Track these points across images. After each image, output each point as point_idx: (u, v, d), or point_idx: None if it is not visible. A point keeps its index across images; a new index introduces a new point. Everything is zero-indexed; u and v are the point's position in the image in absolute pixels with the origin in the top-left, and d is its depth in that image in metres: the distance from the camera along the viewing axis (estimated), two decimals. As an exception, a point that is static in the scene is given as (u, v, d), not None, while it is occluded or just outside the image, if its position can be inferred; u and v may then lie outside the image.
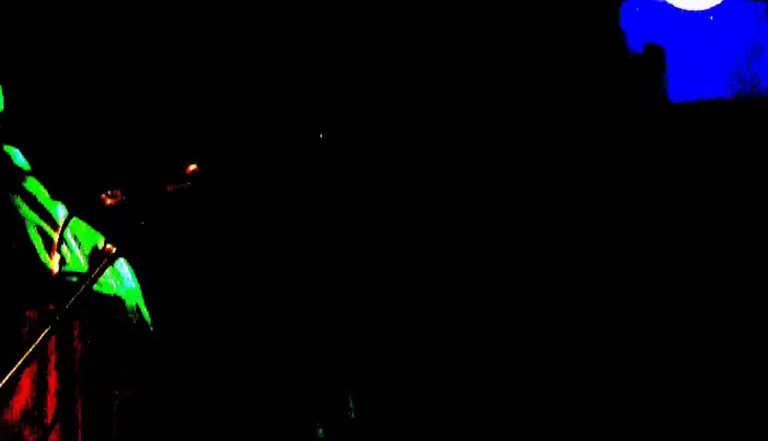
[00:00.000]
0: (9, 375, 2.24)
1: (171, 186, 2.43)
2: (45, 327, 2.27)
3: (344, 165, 3.95)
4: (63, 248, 2.39)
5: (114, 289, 2.38)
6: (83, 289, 2.29)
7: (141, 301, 2.48)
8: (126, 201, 2.35)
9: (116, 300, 2.40)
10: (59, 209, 2.48)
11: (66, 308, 2.26)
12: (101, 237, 2.47)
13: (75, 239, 2.46)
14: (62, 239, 2.35)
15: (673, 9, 3.95)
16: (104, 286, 2.37)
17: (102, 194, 2.31)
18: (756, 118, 3.86)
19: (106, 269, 2.37)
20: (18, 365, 2.24)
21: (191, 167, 2.46)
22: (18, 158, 2.46)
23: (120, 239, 2.33)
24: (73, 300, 2.26)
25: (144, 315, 2.45)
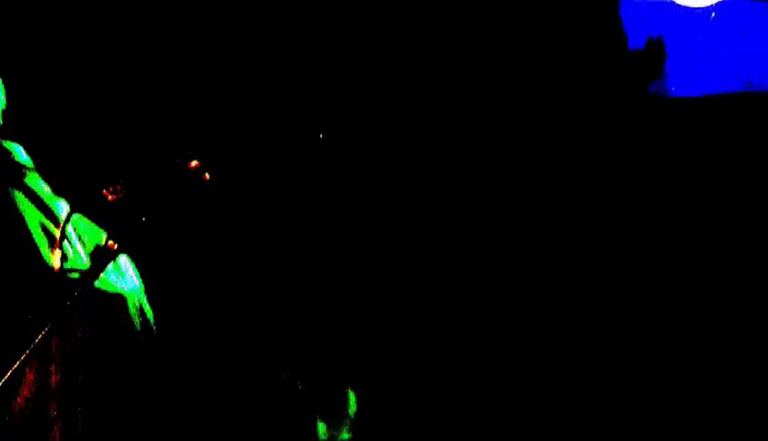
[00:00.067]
0: (9, 374, 2.22)
1: (172, 183, 2.42)
2: (46, 325, 2.25)
3: (343, 165, 3.95)
4: (65, 244, 2.37)
5: (116, 287, 2.37)
6: (84, 286, 2.27)
7: (144, 299, 2.46)
8: (128, 197, 2.34)
9: (118, 298, 2.39)
10: (61, 205, 2.46)
11: (67, 305, 2.24)
12: (103, 233, 2.46)
13: (77, 235, 2.45)
14: (63, 235, 2.33)
15: (675, 6, 3.95)
16: (106, 283, 2.35)
17: (104, 190, 2.30)
18: (756, 114, 3.87)
19: (107, 266, 2.36)
20: (19, 364, 2.22)
21: (192, 163, 2.45)
22: (20, 154, 2.44)
23: (122, 235, 2.32)
24: (74, 298, 2.25)
25: (147, 313, 2.43)
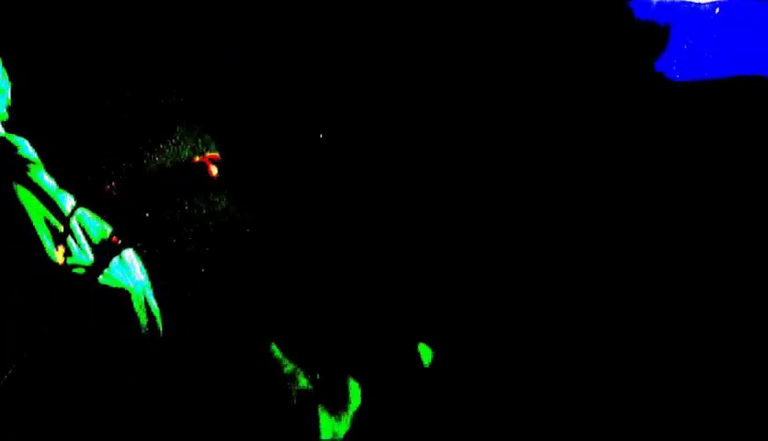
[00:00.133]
0: (9, 373, 2.21)
1: (174, 180, 2.43)
2: (49, 322, 2.24)
3: (343, 165, 3.95)
4: (69, 240, 2.35)
5: (121, 282, 2.35)
6: (88, 282, 2.26)
7: (150, 294, 2.45)
8: (133, 193, 2.34)
9: (123, 293, 2.37)
10: (66, 199, 2.45)
11: (71, 300, 2.23)
12: (108, 227, 2.45)
13: (82, 230, 2.43)
14: (68, 230, 2.32)
15: (682, 4, 3.97)
16: (111, 278, 2.33)
17: (109, 184, 2.30)
18: (753, 95, 3.91)
19: (112, 261, 2.35)
20: (19, 363, 2.21)
21: (196, 159, 2.46)
22: (25, 148, 2.43)
23: (127, 230, 2.32)
24: (78, 293, 2.24)
25: (153, 309, 2.42)
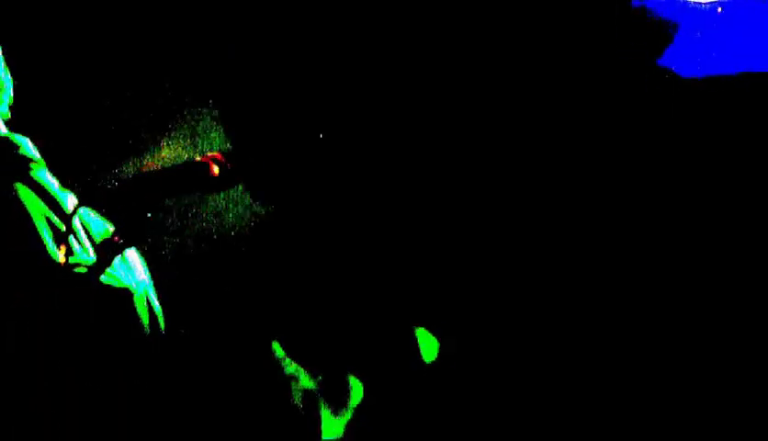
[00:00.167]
0: (9, 373, 2.21)
1: (175, 180, 2.42)
2: (50, 321, 2.23)
3: (343, 164, 3.96)
4: (71, 239, 2.34)
5: (124, 282, 2.34)
6: (90, 281, 2.25)
7: (153, 294, 2.44)
8: (135, 191, 2.33)
9: (126, 293, 2.35)
10: (68, 198, 2.43)
11: (73, 300, 2.22)
12: (111, 226, 2.44)
13: (84, 229, 2.42)
14: (69, 229, 2.30)
15: (685, 3, 3.97)
16: (113, 278, 2.32)
17: (111, 183, 2.29)
18: (759, 95, 3.92)
19: (114, 260, 2.33)
20: (19, 363, 2.21)
21: (197, 158, 2.46)
22: (27, 147, 2.41)
23: (129, 229, 2.31)
24: (80, 292, 2.23)
25: (155, 309, 2.40)
